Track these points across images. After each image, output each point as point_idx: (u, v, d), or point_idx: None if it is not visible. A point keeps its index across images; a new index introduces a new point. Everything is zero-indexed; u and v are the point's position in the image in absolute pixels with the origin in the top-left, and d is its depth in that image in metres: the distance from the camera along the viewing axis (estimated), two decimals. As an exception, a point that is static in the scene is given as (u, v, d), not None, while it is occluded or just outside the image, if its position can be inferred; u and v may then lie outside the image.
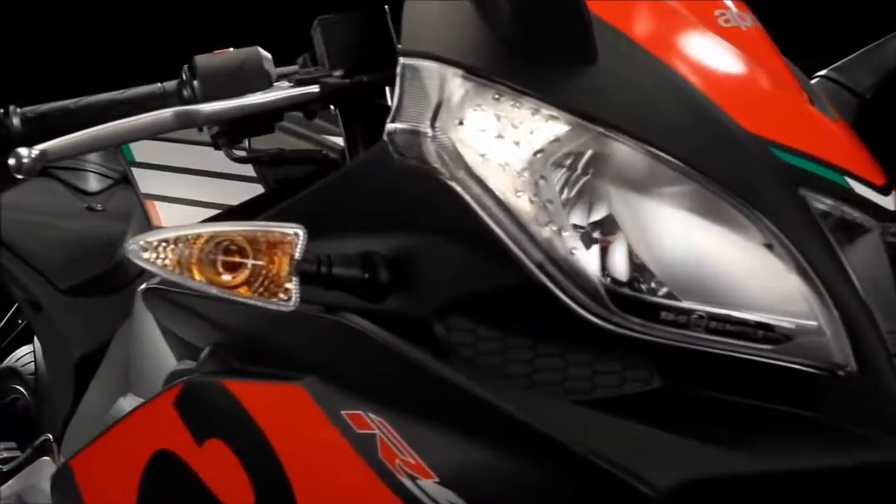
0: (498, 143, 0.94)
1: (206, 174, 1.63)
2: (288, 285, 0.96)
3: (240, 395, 1.11)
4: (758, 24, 1.12)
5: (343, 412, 1.01)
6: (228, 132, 1.26)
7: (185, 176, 1.64)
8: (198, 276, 0.97)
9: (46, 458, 2.26)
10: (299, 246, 0.95)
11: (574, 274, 0.92)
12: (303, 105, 1.25)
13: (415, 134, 0.96)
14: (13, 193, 2.41)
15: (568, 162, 0.94)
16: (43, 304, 2.17)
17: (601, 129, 0.94)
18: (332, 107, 1.34)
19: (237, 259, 0.96)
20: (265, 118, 1.26)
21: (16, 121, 1.24)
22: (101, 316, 2.02)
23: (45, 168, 2.54)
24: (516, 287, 0.96)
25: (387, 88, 1.34)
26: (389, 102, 1.34)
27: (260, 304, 0.96)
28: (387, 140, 0.98)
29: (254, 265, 0.96)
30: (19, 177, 1.11)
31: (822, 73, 1.35)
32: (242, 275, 0.96)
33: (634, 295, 0.93)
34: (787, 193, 0.96)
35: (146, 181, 1.65)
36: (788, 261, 0.95)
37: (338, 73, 1.25)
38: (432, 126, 0.95)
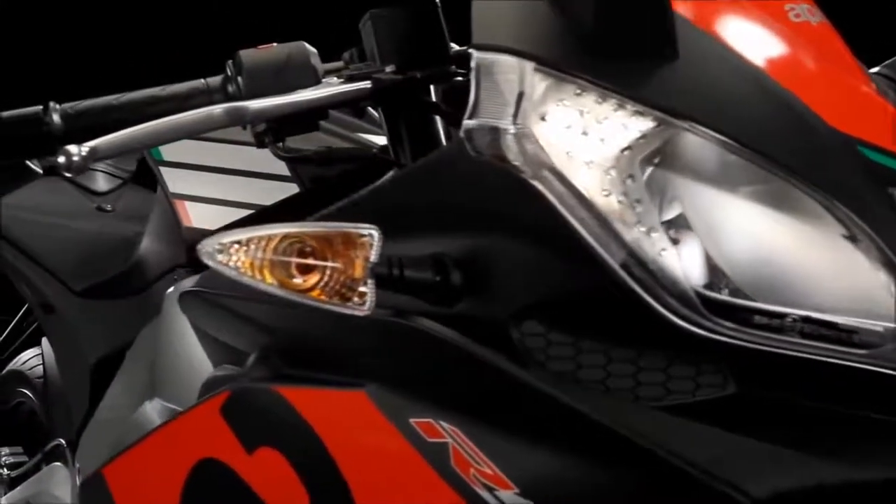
0: (583, 139, 0.90)
1: (236, 173, 1.59)
2: (362, 289, 0.92)
3: (294, 401, 1.07)
4: (826, 20, 1.09)
5: (411, 420, 0.97)
6: (275, 129, 1.22)
7: (215, 175, 1.60)
8: (269, 279, 0.93)
9: (58, 463, 2.22)
10: (375, 247, 0.91)
11: (663, 276, 0.89)
12: (353, 101, 1.22)
13: (494, 130, 0.92)
14: (23, 193, 2.36)
15: (655, 159, 0.91)
16: (56, 306, 2.13)
17: (688, 126, 0.90)
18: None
19: (311, 261, 0.92)
20: (312, 115, 1.22)
21: (56, 117, 1.20)
22: (117, 318, 1.97)
23: (54, 167, 2.50)
24: (596, 290, 0.93)
25: (431, 86, 1.31)
26: (434, 99, 1.32)
27: (334, 308, 0.92)
28: (463, 137, 0.94)
29: (325, 267, 0.92)
30: (67, 174, 1.07)
31: (875, 70, 1.32)
32: (314, 277, 0.92)
33: (726, 298, 0.89)
34: (878, 192, 0.93)
35: (175, 181, 1.60)
36: (875, 258, 0.92)
37: (389, 68, 1.22)
38: (513, 122, 0.91)
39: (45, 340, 2.44)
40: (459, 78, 1.25)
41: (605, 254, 0.90)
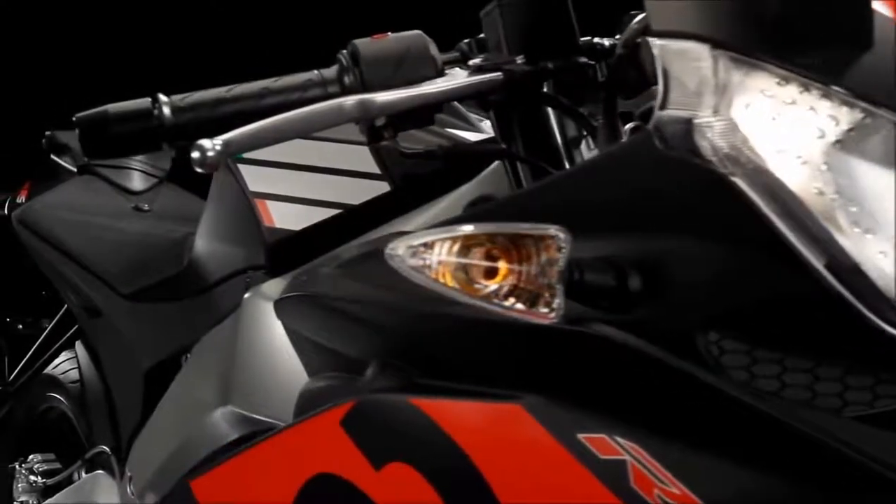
0: (790, 133, 0.83)
1: (321, 170, 1.51)
2: (549, 295, 0.84)
3: (435, 415, 0.99)
4: None
5: (580, 436, 0.89)
6: (395, 123, 1.14)
7: (296, 172, 1.52)
8: (450, 283, 0.86)
9: (101, 471, 2.14)
10: (565, 250, 0.84)
11: (882, 281, 0.82)
12: (483, 94, 1.15)
13: (689, 123, 0.85)
14: (60, 192, 2.29)
15: (867, 155, 0.84)
16: (103, 309, 2.05)
17: None
18: None
19: (500, 264, 0.85)
20: (431, 108, 1.15)
21: (166, 110, 1.12)
22: (171, 323, 1.90)
23: (89, 165, 2.42)
24: (791, 296, 0.86)
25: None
26: (546, 90, 1.25)
27: (517, 316, 0.85)
28: (651, 130, 0.87)
29: (512, 270, 0.85)
30: (200, 170, 1.00)
31: None
32: (495, 282, 0.85)
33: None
34: None
35: (254, 178, 1.53)
36: None
37: (520, 59, 1.15)
38: (713, 114, 0.84)
39: (78, 344, 2.37)
40: (588, 70, 1.19)
41: (811, 257, 0.83)
